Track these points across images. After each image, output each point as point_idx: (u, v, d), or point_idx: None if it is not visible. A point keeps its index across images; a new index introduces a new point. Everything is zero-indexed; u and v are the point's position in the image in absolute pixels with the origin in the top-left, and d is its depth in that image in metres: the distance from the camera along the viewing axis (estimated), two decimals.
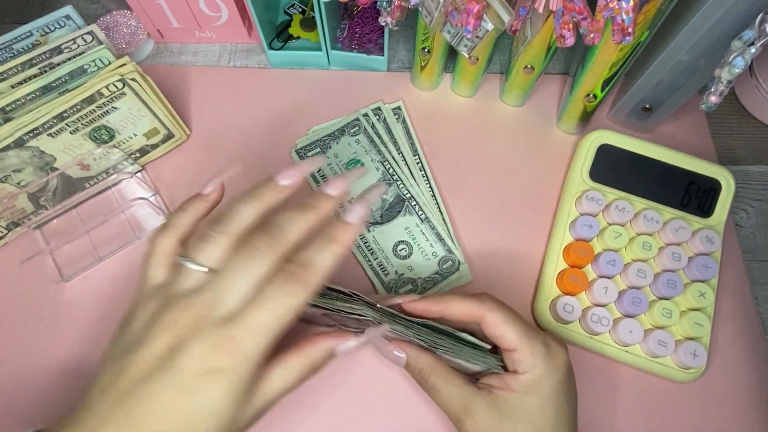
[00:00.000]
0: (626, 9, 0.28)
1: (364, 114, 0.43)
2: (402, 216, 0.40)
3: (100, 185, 0.40)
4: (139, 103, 0.37)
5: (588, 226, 0.38)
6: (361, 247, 0.39)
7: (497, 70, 0.47)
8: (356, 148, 0.42)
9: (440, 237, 0.39)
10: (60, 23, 0.39)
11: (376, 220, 0.40)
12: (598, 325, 0.35)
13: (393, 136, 0.43)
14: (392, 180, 0.41)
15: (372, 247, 0.39)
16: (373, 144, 0.42)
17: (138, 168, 0.41)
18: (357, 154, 0.42)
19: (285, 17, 0.48)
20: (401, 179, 0.40)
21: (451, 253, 0.38)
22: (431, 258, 0.38)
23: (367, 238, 0.39)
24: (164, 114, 0.39)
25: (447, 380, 0.28)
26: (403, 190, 0.40)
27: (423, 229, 0.39)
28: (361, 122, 0.43)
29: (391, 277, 0.38)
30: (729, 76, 0.30)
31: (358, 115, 0.43)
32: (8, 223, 0.37)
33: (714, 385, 0.36)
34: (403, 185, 0.40)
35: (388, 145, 0.42)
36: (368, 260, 0.39)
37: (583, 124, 0.43)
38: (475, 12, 0.29)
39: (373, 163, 0.41)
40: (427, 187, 0.41)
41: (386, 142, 0.42)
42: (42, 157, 0.36)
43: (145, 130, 0.39)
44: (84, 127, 0.36)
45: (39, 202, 0.38)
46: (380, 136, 0.42)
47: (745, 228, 0.41)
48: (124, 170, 0.40)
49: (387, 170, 0.41)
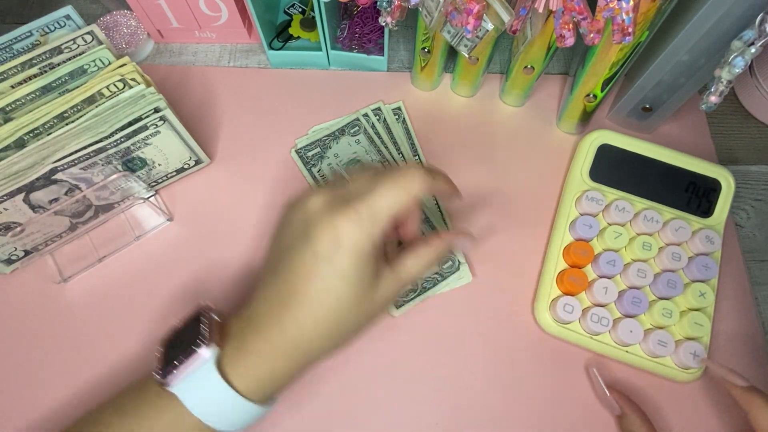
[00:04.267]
0: (626, 9, 0.28)
1: (364, 114, 0.43)
2: None
3: (115, 211, 0.40)
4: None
5: (588, 226, 0.38)
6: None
7: (497, 70, 0.47)
8: (356, 148, 0.42)
9: None
10: (60, 23, 0.39)
11: None
12: (598, 325, 0.35)
13: (393, 136, 0.43)
14: None
15: None
16: (373, 144, 0.42)
17: (153, 193, 0.40)
18: (357, 154, 0.42)
19: (285, 17, 0.48)
20: None
21: (451, 253, 0.38)
22: None
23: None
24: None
25: None
26: None
27: (423, 230, 0.39)
28: (361, 122, 0.43)
29: None
30: (729, 76, 0.30)
31: (358, 116, 0.43)
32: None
33: (714, 385, 0.36)
34: None
35: (388, 145, 0.42)
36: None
37: (583, 124, 0.43)
38: (475, 12, 0.29)
39: (372, 163, 0.41)
40: None
41: (386, 142, 0.42)
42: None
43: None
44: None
45: None
46: (380, 136, 0.43)
47: (745, 228, 0.41)
48: (139, 195, 0.40)
49: None
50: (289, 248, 0.28)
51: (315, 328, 0.27)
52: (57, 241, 0.38)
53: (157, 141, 0.36)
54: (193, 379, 0.26)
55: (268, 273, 0.29)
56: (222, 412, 0.26)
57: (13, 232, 0.34)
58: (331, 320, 0.27)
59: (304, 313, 0.26)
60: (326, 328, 0.27)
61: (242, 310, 0.29)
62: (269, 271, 0.29)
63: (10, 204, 0.33)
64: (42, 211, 0.35)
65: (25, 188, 0.33)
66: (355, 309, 0.27)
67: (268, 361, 0.27)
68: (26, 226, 0.35)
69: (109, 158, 0.35)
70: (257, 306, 0.28)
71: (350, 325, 0.28)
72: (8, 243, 0.35)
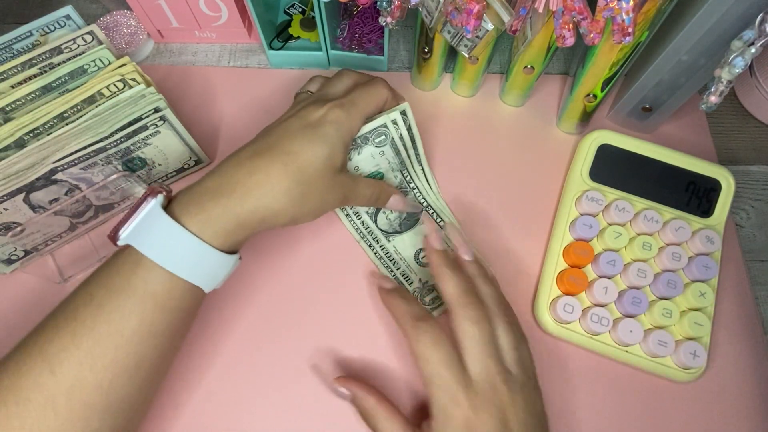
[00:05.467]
0: (626, 9, 0.28)
1: (393, 120, 0.35)
2: (420, 223, 0.39)
3: (115, 211, 0.40)
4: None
5: (588, 226, 0.38)
6: (383, 259, 0.38)
7: (497, 70, 0.47)
8: (379, 161, 0.37)
9: None
10: (60, 23, 0.39)
11: (395, 230, 0.39)
12: (598, 325, 0.35)
13: (415, 144, 0.37)
14: (408, 188, 0.40)
15: (394, 258, 0.38)
16: (399, 156, 0.37)
17: None
18: (379, 167, 0.37)
19: (285, 17, 0.48)
20: (417, 187, 0.40)
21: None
22: None
23: (387, 248, 0.39)
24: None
25: (389, 420, 0.30)
26: (420, 198, 0.40)
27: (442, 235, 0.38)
28: (389, 130, 0.35)
29: (416, 285, 0.38)
30: (729, 76, 0.30)
31: (387, 121, 0.35)
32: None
33: (714, 385, 0.36)
34: (420, 193, 0.40)
35: (410, 152, 0.38)
36: (391, 271, 0.38)
37: (583, 124, 0.43)
38: (475, 12, 0.29)
39: (393, 172, 0.38)
40: (438, 191, 0.40)
41: (408, 149, 0.37)
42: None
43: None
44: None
45: None
46: (404, 142, 0.36)
47: (745, 228, 0.41)
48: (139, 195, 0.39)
49: (404, 177, 0.39)
50: (276, 124, 0.32)
51: (282, 179, 0.29)
52: (57, 241, 0.38)
53: (157, 141, 0.36)
54: (144, 225, 0.27)
55: (245, 146, 0.31)
56: (179, 254, 0.27)
57: (13, 232, 0.34)
58: (300, 179, 0.29)
59: (276, 164, 0.29)
60: (294, 181, 0.29)
61: None
62: (246, 145, 0.31)
63: (10, 204, 0.33)
64: (42, 211, 0.35)
65: (25, 188, 0.33)
66: (321, 175, 0.30)
67: (221, 205, 0.28)
68: (26, 226, 0.35)
69: (109, 158, 0.35)
70: (220, 167, 0.30)
71: (315, 192, 0.30)
72: (8, 243, 0.35)
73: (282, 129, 0.31)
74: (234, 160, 0.30)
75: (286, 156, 0.29)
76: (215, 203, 0.28)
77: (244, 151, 0.30)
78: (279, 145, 0.30)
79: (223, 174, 0.29)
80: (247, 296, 0.38)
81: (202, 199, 0.28)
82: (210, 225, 0.27)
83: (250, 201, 0.28)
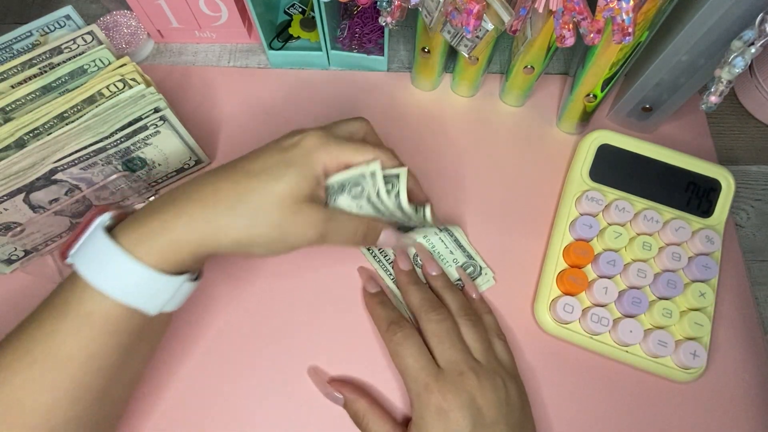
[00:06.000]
0: (626, 9, 0.28)
1: (372, 172, 0.30)
2: (416, 231, 0.39)
3: None
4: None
5: (588, 226, 0.38)
6: (381, 262, 0.38)
7: (497, 70, 0.47)
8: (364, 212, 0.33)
9: (459, 243, 0.39)
10: (60, 23, 0.39)
11: None
12: (598, 325, 0.35)
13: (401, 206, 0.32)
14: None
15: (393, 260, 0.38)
16: (378, 211, 0.32)
17: (153, 193, 0.40)
18: None
19: (285, 17, 0.48)
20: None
21: (472, 258, 0.38)
22: (452, 264, 0.38)
23: (386, 251, 0.38)
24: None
25: (380, 422, 0.32)
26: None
27: (442, 237, 0.39)
28: (366, 181, 0.30)
29: None
30: (729, 76, 0.30)
31: (365, 172, 0.30)
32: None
33: (714, 385, 0.36)
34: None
35: (396, 215, 0.34)
36: (390, 274, 0.38)
37: (583, 124, 0.43)
38: (475, 12, 0.29)
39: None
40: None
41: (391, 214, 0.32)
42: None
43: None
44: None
45: None
46: (384, 204, 0.31)
47: (745, 228, 0.41)
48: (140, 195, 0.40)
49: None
50: (259, 149, 0.30)
51: (229, 196, 0.27)
52: (57, 241, 0.38)
53: (157, 141, 0.36)
54: (87, 247, 0.26)
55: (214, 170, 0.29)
56: (110, 273, 0.25)
57: (13, 232, 0.34)
58: (250, 199, 0.27)
59: (227, 182, 0.27)
60: (241, 201, 0.27)
61: None
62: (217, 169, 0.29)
63: (10, 204, 0.33)
64: (42, 211, 0.35)
65: (25, 188, 0.33)
66: (278, 201, 0.27)
67: (157, 220, 0.26)
68: (26, 226, 0.35)
69: (109, 158, 0.35)
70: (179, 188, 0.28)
71: (268, 218, 0.27)
72: (8, 243, 0.35)
73: (255, 151, 0.30)
74: (197, 177, 0.28)
75: (243, 175, 0.27)
76: (152, 218, 0.26)
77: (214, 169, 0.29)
78: (240, 165, 0.28)
79: (176, 190, 0.28)
80: (241, 302, 0.38)
81: (143, 214, 0.26)
82: (144, 242, 0.25)
83: (185, 217, 0.26)
